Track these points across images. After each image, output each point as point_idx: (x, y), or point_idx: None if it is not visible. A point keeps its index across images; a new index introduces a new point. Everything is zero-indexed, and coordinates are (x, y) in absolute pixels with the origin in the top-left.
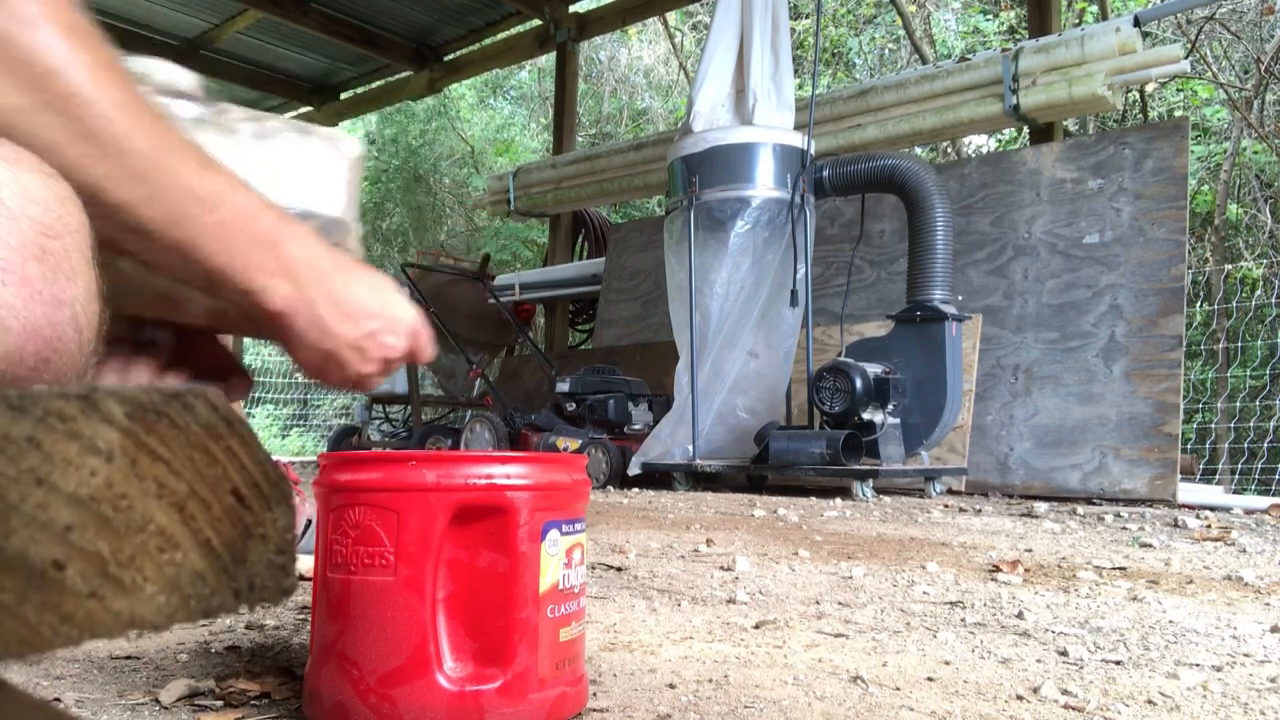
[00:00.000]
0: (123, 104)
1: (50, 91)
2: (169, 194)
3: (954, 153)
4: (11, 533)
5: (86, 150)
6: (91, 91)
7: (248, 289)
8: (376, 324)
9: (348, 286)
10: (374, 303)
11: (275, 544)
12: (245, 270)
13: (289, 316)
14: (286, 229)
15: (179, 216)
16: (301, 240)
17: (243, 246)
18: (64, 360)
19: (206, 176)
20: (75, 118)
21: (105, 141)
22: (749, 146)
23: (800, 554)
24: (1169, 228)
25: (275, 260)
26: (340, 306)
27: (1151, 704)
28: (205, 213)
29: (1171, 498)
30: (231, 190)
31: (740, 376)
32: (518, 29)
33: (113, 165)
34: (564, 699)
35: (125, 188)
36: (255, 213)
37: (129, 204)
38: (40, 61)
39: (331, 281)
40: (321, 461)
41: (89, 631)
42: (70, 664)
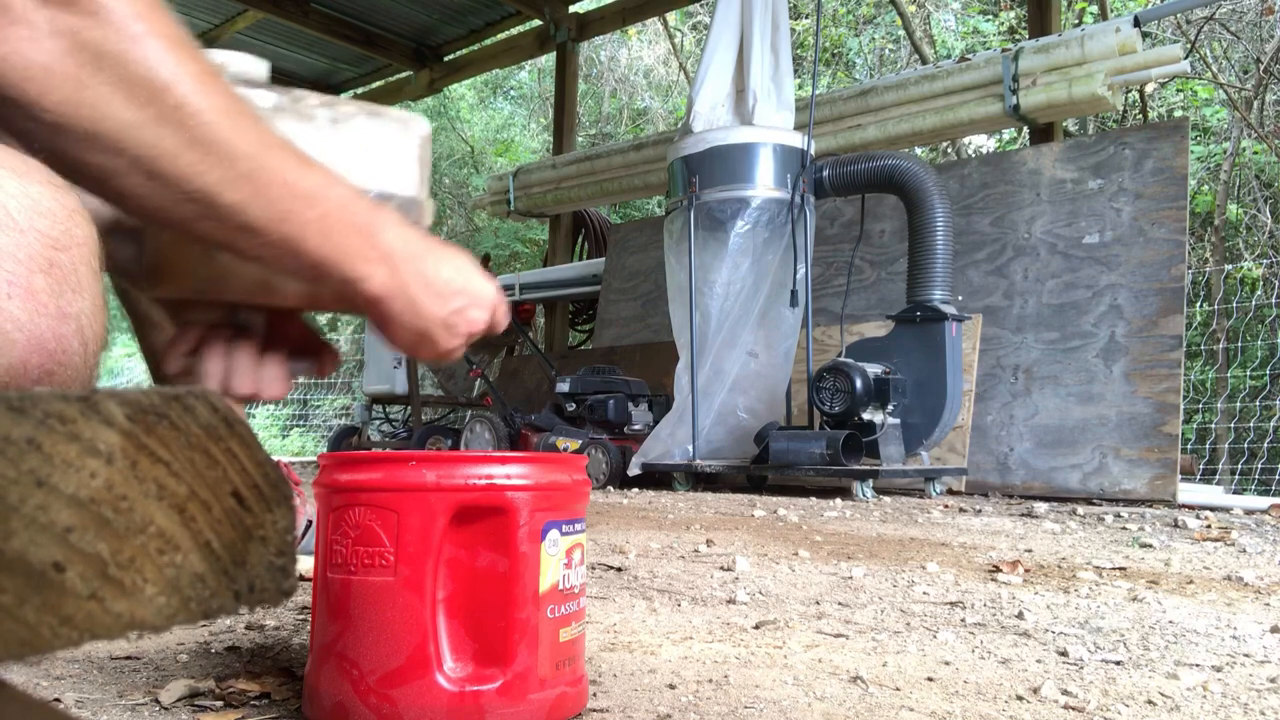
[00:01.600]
0: (227, 111)
1: (163, 104)
2: (275, 192)
3: (954, 153)
4: (12, 534)
5: (199, 157)
6: (200, 101)
7: (349, 278)
8: (463, 300)
9: (437, 267)
10: (460, 281)
11: (275, 545)
12: (346, 260)
13: (387, 301)
14: (379, 217)
15: (285, 213)
16: (393, 226)
17: (343, 237)
18: (68, 373)
19: (305, 173)
20: (187, 128)
21: (216, 148)
22: (749, 146)
23: (800, 554)
24: (1169, 228)
25: (373, 248)
26: (431, 287)
27: (1151, 704)
28: (307, 208)
29: (1171, 498)
30: (328, 184)
31: (740, 376)
32: (518, 29)
33: (224, 170)
34: (564, 699)
35: (236, 190)
36: (351, 203)
37: (240, 205)
38: (153, 77)
39: (423, 264)
40: (321, 462)
41: (89, 633)
42: (70, 664)
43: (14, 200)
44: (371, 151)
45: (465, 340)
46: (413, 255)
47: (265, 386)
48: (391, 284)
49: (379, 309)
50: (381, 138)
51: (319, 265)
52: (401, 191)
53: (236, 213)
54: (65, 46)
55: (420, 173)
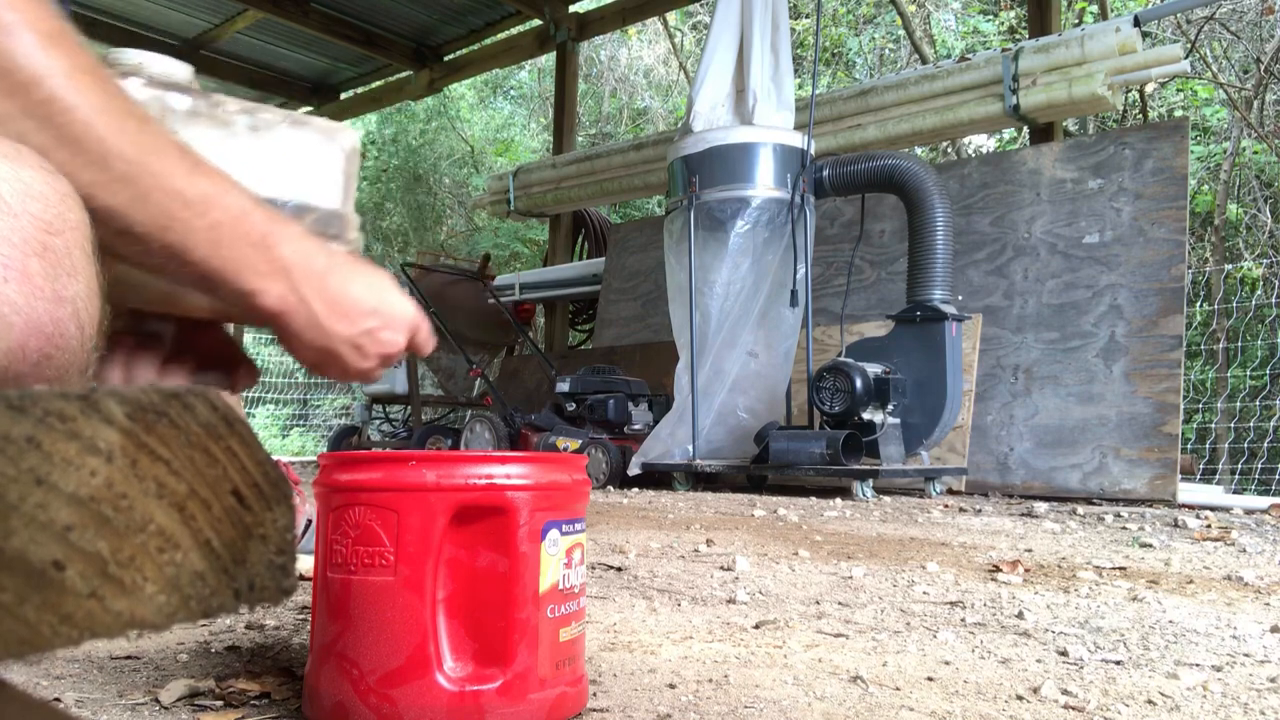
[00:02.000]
0: (105, 109)
1: (30, 98)
2: (157, 198)
3: (954, 153)
4: (11, 533)
5: (70, 156)
6: (72, 97)
7: (242, 290)
8: (374, 321)
9: (344, 284)
10: (371, 300)
11: (275, 544)
12: (239, 272)
13: (285, 316)
14: (279, 229)
15: (168, 220)
16: (295, 239)
17: (235, 249)
18: (66, 356)
19: (196, 179)
20: (56, 124)
21: (89, 147)
22: (749, 146)
23: (800, 554)
24: (1169, 228)
25: (268, 261)
26: (336, 305)
27: (1151, 704)
28: (195, 216)
29: (1171, 498)
30: (222, 192)
31: (740, 376)
32: (518, 29)
33: (97, 171)
34: (564, 699)
35: (112, 193)
36: (247, 214)
37: (117, 209)
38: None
39: (326, 280)
40: (321, 461)
41: (89, 631)
42: (70, 664)
43: (6, 184)
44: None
45: (380, 362)
46: (315, 271)
47: None
48: (290, 299)
49: (279, 324)
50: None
51: (209, 276)
52: (322, 204)
53: (114, 217)
54: None
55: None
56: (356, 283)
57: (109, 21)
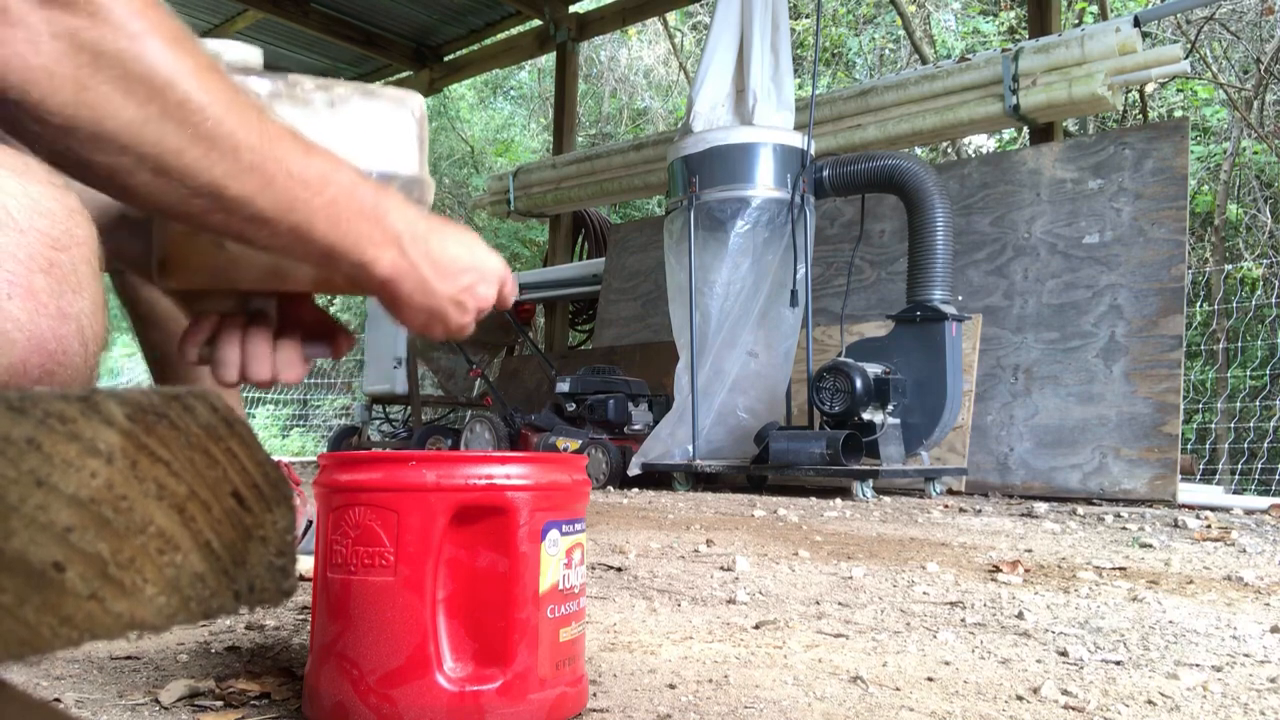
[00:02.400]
0: (229, 103)
1: (165, 101)
2: (282, 182)
3: (954, 153)
4: (12, 534)
5: (204, 152)
6: (201, 96)
7: (359, 261)
8: (471, 277)
9: (444, 245)
10: (467, 257)
11: (275, 545)
12: (356, 244)
13: (397, 282)
14: (385, 199)
15: (292, 202)
16: (399, 208)
17: (351, 223)
18: (68, 373)
19: (310, 160)
20: (193, 123)
21: (220, 142)
22: (749, 146)
23: (800, 554)
24: (1169, 228)
25: (380, 231)
26: (439, 266)
27: (1151, 704)
28: (314, 195)
29: (1171, 498)
30: (334, 170)
31: (740, 376)
32: (518, 29)
33: (230, 163)
34: (564, 699)
35: (243, 182)
36: (356, 188)
37: (248, 196)
38: (154, 74)
39: (429, 243)
40: (321, 461)
41: (89, 633)
42: (70, 664)
43: (14, 200)
44: (370, 132)
45: (475, 316)
46: (420, 235)
47: (282, 370)
48: (401, 265)
49: (390, 290)
50: (379, 118)
51: (329, 251)
52: (403, 170)
53: (245, 204)
54: (65, 48)
55: (419, 150)
56: (453, 242)
57: None
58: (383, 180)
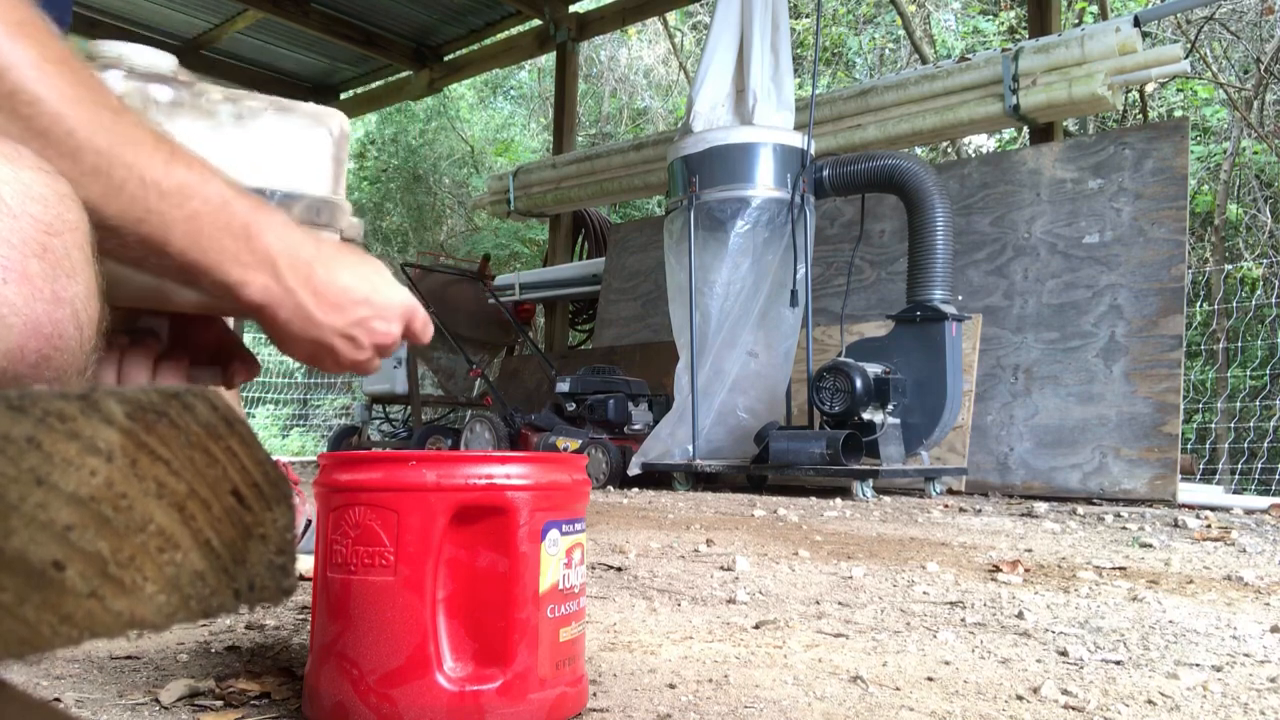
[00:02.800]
0: (75, 99)
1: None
2: (131, 189)
3: (954, 153)
4: (11, 533)
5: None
6: (38, 88)
7: (224, 282)
8: (365, 311)
9: (331, 274)
10: (362, 289)
11: (275, 544)
12: (220, 263)
13: (270, 308)
14: (263, 217)
15: (144, 212)
16: (279, 228)
17: (215, 239)
18: (65, 358)
19: (174, 168)
20: (23, 116)
21: (58, 139)
22: (749, 146)
23: (800, 554)
24: (1169, 228)
25: (251, 252)
26: (324, 296)
27: (1151, 704)
28: (173, 207)
29: (1171, 498)
30: (201, 181)
31: (740, 376)
32: (518, 29)
33: (69, 164)
34: (564, 699)
35: (84, 185)
36: (228, 203)
37: (90, 201)
38: None
39: (313, 270)
40: (321, 461)
41: (89, 631)
42: (70, 664)
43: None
44: (278, 149)
45: (375, 353)
46: (302, 261)
47: None
48: (274, 291)
49: (265, 317)
50: (290, 134)
51: (189, 269)
52: (312, 191)
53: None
54: None
55: (335, 170)
56: (345, 272)
57: (109, 21)
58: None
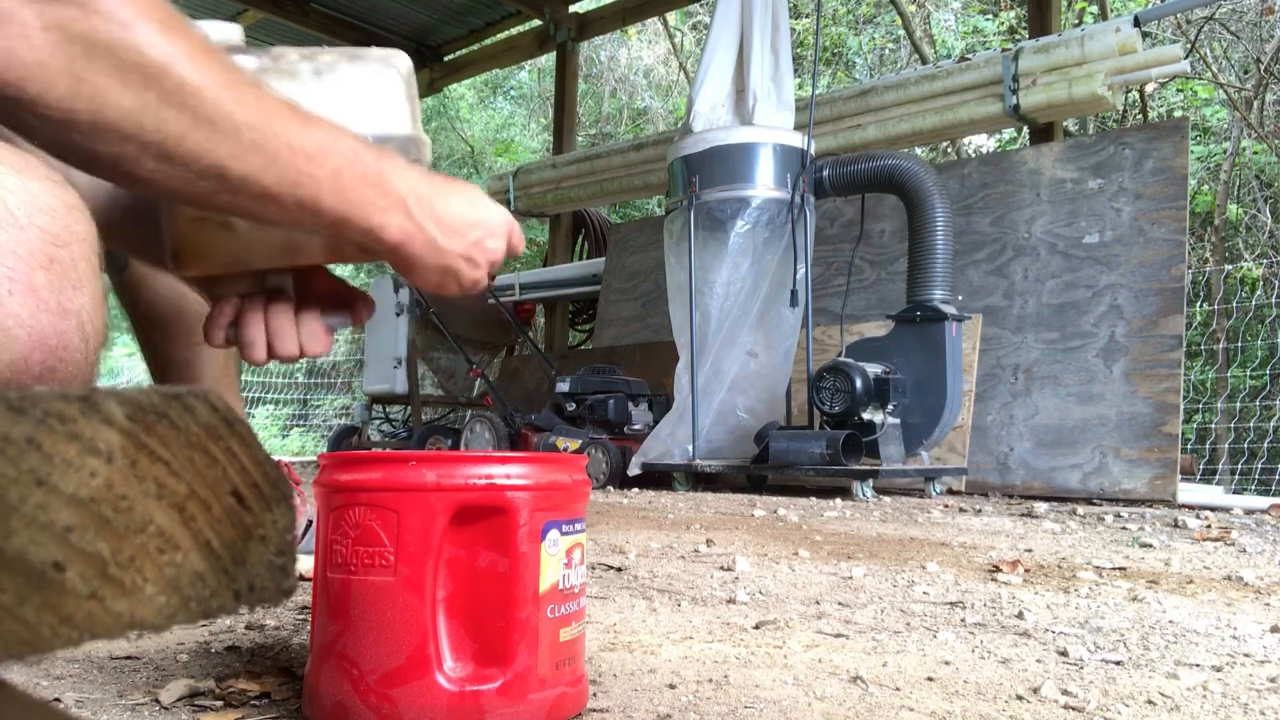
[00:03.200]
0: (225, 83)
1: (162, 87)
2: (285, 157)
3: (954, 153)
4: (11, 534)
5: (206, 134)
6: (198, 78)
7: (368, 228)
8: (479, 232)
9: (448, 203)
10: (472, 213)
11: (275, 545)
12: (363, 212)
13: (406, 245)
14: (387, 164)
15: (297, 176)
16: (401, 171)
17: (356, 191)
18: (70, 369)
19: (310, 132)
20: (189, 105)
21: (220, 123)
22: (749, 146)
23: (800, 554)
24: (1169, 228)
25: (385, 196)
26: (446, 224)
27: (1151, 704)
28: (318, 168)
29: (1171, 498)
30: (334, 140)
31: (740, 376)
32: (518, 29)
33: (233, 143)
34: (564, 699)
35: (246, 161)
36: (358, 155)
37: (253, 174)
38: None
39: (434, 203)
40: (321, 461)
41: (89, 632)
42: (70, 664)
43: (14, 196)
44: (360, 96)
45: (489, 270)
46: (424, 196)
47: (307, 343)
48: (409, 228)
49: (400, 254)
50: (367, 81)
51: (338, 221)
52: (398, 131)
53: (251, 183)
54: (57, 40)
55: (411, 108)
56: (458, 200)
57: None
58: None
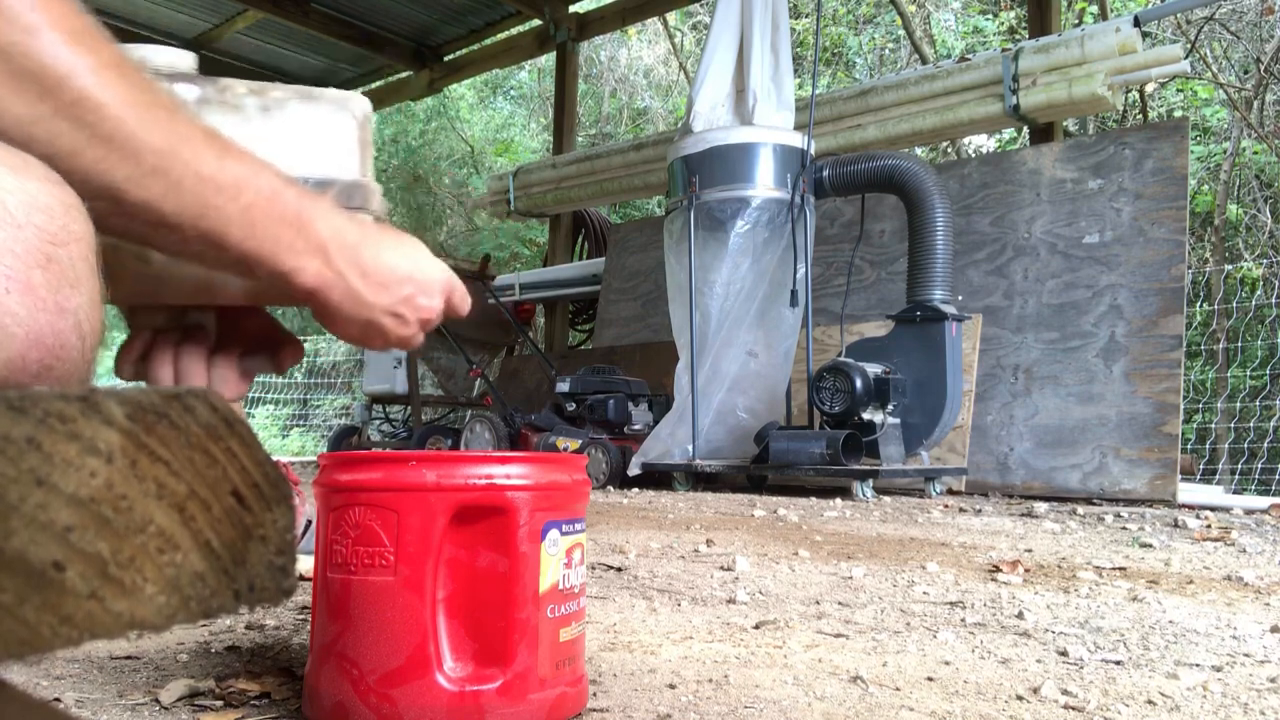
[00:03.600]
0: (133, 102)
1: (60, 99)
2: (190, 186)
3: (954, 153)
4: (12, 533)
5: (103, 153)
6: (100, 94)
7: (280, 270)
8: (410, 288)
9: (377, 254)
10: (405, 267)
11: (275, 545)
12: (275, 253)
13: (323, 292)
14: (311, 205)
15: (203, 208)
16: (327, 215)
17: (270, 229)
18: (67, 369)
19: (226, 163)
20: (87, 122)
21: (120, 142)
22: (749, 146)
23: (800, 554)
24: (1169, 228)
25: (303, 239)
26: (372, 276)
27: (1151, 704)
28: (229, 201)
29: (1171, 498)
30: (253, 174)
31: (740, 376)
32: (518, 29)
33: (131, 165)
34: (564, 699)
35: (146, 185)
36: (279, 193)
37: (152, 201)
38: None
39: (360, 252)
40: (321, 461)
41: (89, 632)
42: (70, 664)
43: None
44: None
45: (420, 328)
46: (349, 244)
47: (217, 387)
48: (326, 275)
49: (317, 300)
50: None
51: (246, 260)
52: (342, 176)
53: (148, 209)
54: None
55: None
56: (389, 251)
57: (109, 21)
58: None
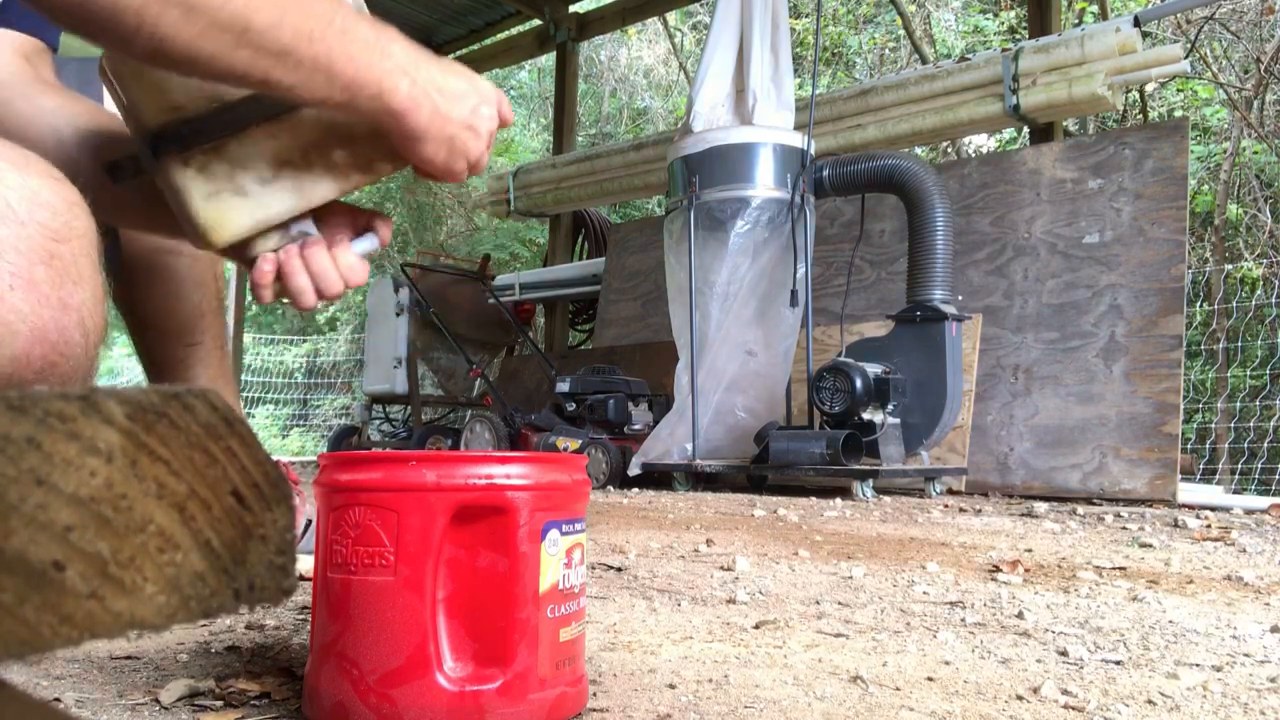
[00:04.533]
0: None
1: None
2: (297, 13)
3: (954, 153)
4: (11, 533)
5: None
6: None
7: (379, 91)
8: (475, 99)
9: (444, 72)
10: (464, 83)
11: (275, 544)
12: (371, 71)
13: (414, 111)
14: (382, 30)
15: (309, 32)
16: (398, 39)
17: (363, 51)
18: (70, 364)
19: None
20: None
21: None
22: (749, 146)
23: (800, 554)
24: (1169, 228)
25: (389, 59)
26: (446, 92)
27: (1151, 704)
28: (327, 25)
29: (1171, 498)
30: (334, 2)
31: (740, 376)
32: (518, 29)
33: None
34: (564, 699)
35: (264, 12)
36: (357, 19)
37: (271, 25)
38: None
39: (433, 70)
40: (321, 461)
41: (89, 632)
42: (70, 664)
43: (15, 193)
44: None
45: (488, 143)
46: (422, 63)
47: (349, 276)
48: (415, 93)
49: (408, 123)
50: None
51: (352, 84)
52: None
53: (269, 34)
54: None
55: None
56: (447, 69)
57: None
58: None
